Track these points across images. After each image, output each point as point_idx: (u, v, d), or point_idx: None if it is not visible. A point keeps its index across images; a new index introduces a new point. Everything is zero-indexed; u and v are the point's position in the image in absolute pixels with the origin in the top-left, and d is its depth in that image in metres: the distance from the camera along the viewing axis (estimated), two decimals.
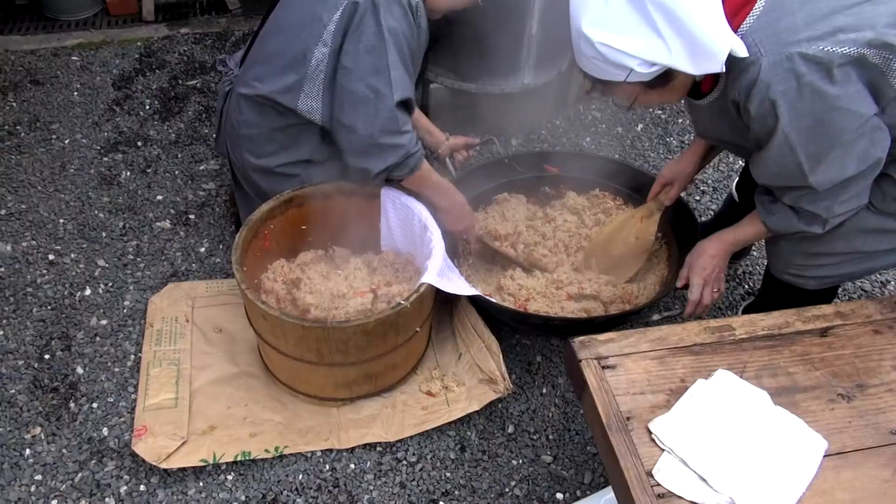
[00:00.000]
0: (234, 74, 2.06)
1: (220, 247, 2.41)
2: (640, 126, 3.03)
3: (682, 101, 1.66)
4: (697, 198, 2.68)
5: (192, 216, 2.52)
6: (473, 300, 1.98)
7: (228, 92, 2.06)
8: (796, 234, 1.59)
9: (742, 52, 1.31)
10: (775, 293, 1.87)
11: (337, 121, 1.83)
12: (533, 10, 2.47)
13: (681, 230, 2.10)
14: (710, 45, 1.30)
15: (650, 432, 1.21)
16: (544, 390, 2.01)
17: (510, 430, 1.91)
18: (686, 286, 1.75)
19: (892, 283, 2.39)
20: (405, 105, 1.81)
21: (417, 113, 2.32)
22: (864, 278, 2.39)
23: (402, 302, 1.69)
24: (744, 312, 2.15)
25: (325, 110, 1.85)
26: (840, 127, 1.34)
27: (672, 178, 1.97)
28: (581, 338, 1.36)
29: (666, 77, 1.41)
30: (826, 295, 1.82)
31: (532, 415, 1.95)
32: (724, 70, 1.35)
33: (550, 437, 1.90)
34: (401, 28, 1.73)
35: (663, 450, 1.19)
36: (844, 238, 1.56)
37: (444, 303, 2.10)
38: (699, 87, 1.54)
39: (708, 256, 1.72)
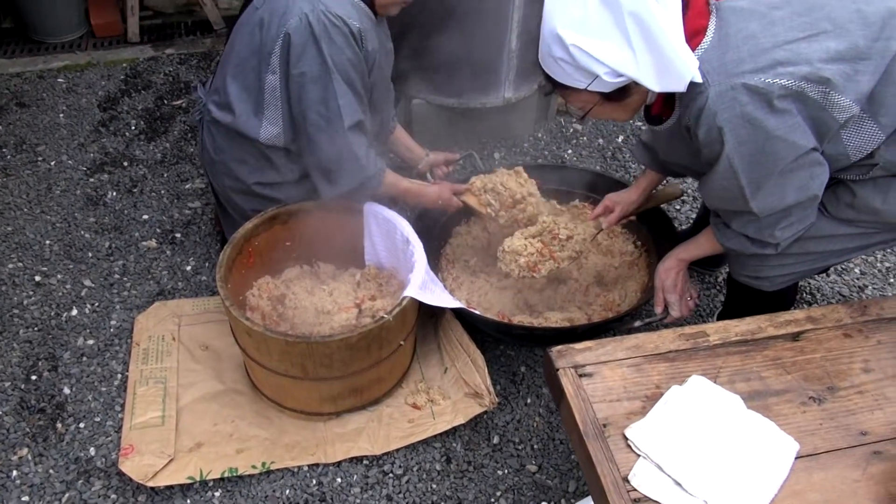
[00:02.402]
0: (203, 103, 2.08)
1: (207, 265, 2.42)
2: (622, 137, 3.07)
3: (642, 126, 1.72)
4: (678, 207, 2.72)
5: (178, 235, 2.54)
6: (458, 312, 2.00)
7: (200, 120, 2.10)
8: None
9: (699, 77, 1.38)
10: (738, 296, 1.93)
11: (297, 145, 1.91)
12: (512, 24, 2.52)
13: (659, 238, 2.14)
14: (679, 65, 1.36)
15: (626, 438, 1.24)
16: (529, 400, 2.03)
17: (495, 440, 1.93)
18: (665, 308, 1.83)
19: (870, 287, 2.43)
20: (358, 127, 1.84)
21: (398, 130, 2.36)
22: (841, 284, 2.43)
23: (385, 315, 1.72)
24: (718, 319, 2.19)
25: (286, 134, 1.90)
26: (779, 156, 1.41)
27: (613, 204, 2.04)
28: (558, 347, 1.39)
29: (624, 91, 1.48)
30: (787, 294, 1.87)
31: (517, 425, 1.97)
32: (685, 91, 1.41)
33: (535, 446, 1.92)
34: (345, 56, 1.75)
35: (639, 455, 1.21)
36: (798, 242, 1.62)
37: (429, 316, 2.12)
38: (649, 110, 1.62)
39: (673, 274, 1.81)
